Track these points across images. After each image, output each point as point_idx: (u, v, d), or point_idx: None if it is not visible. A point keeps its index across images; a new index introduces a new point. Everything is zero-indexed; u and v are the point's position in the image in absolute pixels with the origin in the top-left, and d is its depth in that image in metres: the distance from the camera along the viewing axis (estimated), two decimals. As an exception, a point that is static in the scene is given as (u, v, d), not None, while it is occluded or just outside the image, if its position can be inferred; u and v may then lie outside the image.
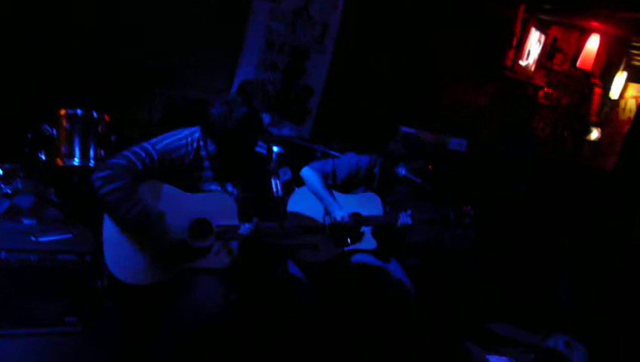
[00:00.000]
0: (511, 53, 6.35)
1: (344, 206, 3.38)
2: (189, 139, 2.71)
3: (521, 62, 6.48)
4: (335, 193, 3.47)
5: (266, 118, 5.35)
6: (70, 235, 3.09)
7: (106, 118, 3.56)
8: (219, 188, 2.78)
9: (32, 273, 2.83)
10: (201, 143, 2.72)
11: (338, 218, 3.29)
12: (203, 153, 2.72)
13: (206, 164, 2.73)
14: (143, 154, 2.58)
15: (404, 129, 4.75)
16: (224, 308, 2.51)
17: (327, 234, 2.97)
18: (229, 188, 2.80)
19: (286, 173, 3.12)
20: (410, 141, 3.57)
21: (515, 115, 5.10)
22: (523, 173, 4.85)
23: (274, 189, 2.53)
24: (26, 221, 3.21)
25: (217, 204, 2.70)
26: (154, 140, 2.66)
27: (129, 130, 3.86)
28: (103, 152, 3.52)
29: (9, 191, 3.19)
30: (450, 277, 4.03)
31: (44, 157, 3.44)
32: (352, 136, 4.85)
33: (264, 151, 2.82)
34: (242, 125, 2.59)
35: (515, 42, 6.29)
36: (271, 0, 5.46)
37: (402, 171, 3.48)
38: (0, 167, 3.35)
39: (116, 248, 2.59)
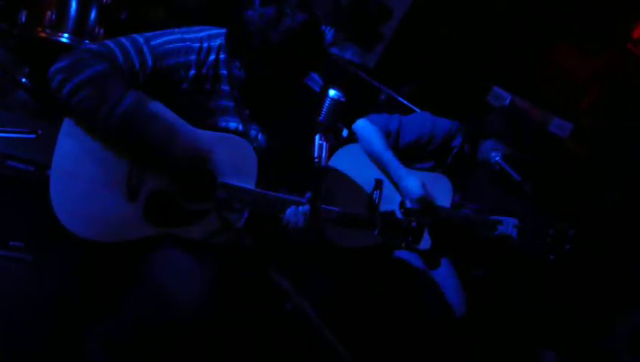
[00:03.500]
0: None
1: None
2: (205, 44, 1.78)
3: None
4: (395, 160, 2.55)
5: (329, 33, 4.35)
6: (33, 135, 2.28)
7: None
8: (240, 127, 1.87)
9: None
10: (222, 57, 1.79)
11: (411, 194, 2.42)
12: (223, 72, 1.80)
13: (224, 88, 1.82)
14: (131, 48, 1.69)
15: (498, 90, 3.70)
16: (203, 303, 1.73)
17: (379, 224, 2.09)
18: (252, 130, 1.89)
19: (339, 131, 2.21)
20: (516, 119, 2.61)
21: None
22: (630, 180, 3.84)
23: (316, 150, 1.62)
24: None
25: (230, 151, 1.81)
26: (151, 33, 1.74)
27: (149, 7, 2.90)
28: (102, 31, 2.59)
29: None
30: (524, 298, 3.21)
31: (23, 21, 2.53)
32: (430, 87, 3.84)
33: (317, 88, 1.91)
34: (294, 41, 1.67)
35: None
36: None
37: (495, 156, 2.52)
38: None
39: (70, 181, 1.75)
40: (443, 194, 2.57)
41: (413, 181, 2.46)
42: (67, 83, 1.61)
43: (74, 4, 2.53)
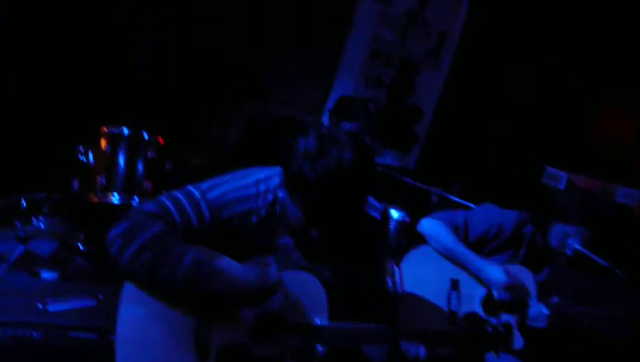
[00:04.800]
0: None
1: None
2: (262, 187, 1.73)
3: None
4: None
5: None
6: (94, 302, 2.26)
7: (160, 140, 2.69)
8: (303, 263, 1.79)
9: (34, 354, 2.05)
10: (280, 195, 1.73)
11: (497, 282, 2.25)
12: (281, 210, 1.74)
13: (283, 225, 1.75)
14: (188, 205, 1.64)
15: (552, 170, 3.55)
16: None
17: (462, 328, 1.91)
18: (317, 268, 1.79)
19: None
20: (581, 197, 2.44)
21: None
22: None
23: (390, 278, 1.48)
24: (45, 273, 2.42)
25: (298, 289, 1.71)
26: (206, 184, 1.71)
27: (191, 155, 2.96)
28: (150, 185, 2.63)
29: (22, 235, 2.38)
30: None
31: (76, 188, 2.60)
32: (480, 180, 3.74)
33: (376, 214, 1.84)
34: (343, 179, 1.53)
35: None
36: (379, 1, 4.47)
37: (573, 243, 2.34)
38: (23, 197, 2.56)
39: (137, 350, 1.65)
40: (527, 285, 2.39)
41: (495, 269, 2.30)
42: (126, 248, 1.57)
43: (122, 164, 2.59)
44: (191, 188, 1.69)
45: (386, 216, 1.59)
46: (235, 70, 3.87)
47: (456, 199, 3.14)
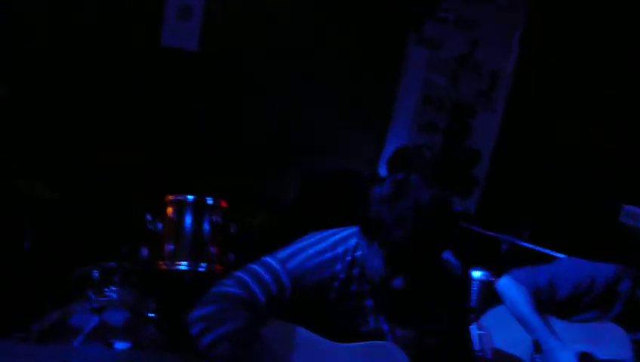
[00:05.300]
0: None
1: (566, 340, 2.17)
2: (340, 249, 1.69)
3: None
4: (550, 318, 2.26)
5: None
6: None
7: (223, 204, 2.72)
8: (386, 328, 1.71)
9: None
10: (358, 254, 1.68)
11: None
12: (360, 271, 1.68)
13: (363, 287, 1.69)
14: (269, 278, 1.63)
15: (630, 208, 3.34)
16: None
17: None
18: (397, 329, 1.72)
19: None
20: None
21: None
22: None
23: (477, 342, 1.41)
24: (118, 344, 2.42)
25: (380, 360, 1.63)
26: (283, 253, 1.69)
27: (253, 216, 2.98)
28: (216, 250, 2.64)
29: (96, 306, 2.42)
30: None
31: (145, 256, 2.64)
32: (551, 223, 3.58)
33: (457, 272, 1.76)
34: (422, 217, 1.49)
35: None
36: (429, 46, 4.49)
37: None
38: (95, 268, 2.62)
39: None
40: (617, 345, 2.21)
41: (566, 357, 2.15)
42: (207, 334, 1.57)
43: (188, 231, 2.63)
44: (268, 259, 1.67)
45: (467, 274, 1.52)
46: (287, 126, 3.92)
47: (528, 245, 3.00)
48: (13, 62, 3.29)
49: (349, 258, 1.68)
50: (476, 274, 1.50)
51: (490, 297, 1.51)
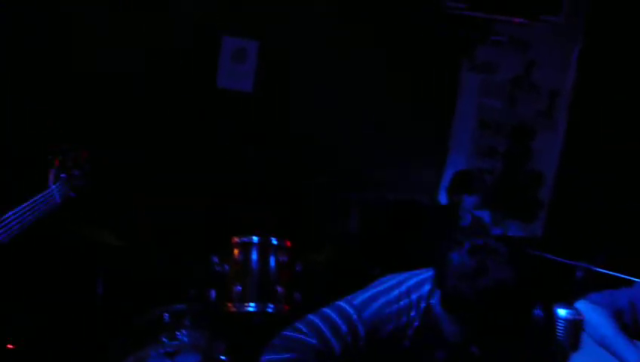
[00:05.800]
0: None
1: None
2: (414, 296, 1.65)
3: None
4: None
5: (485, 215, 4.22)
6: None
7: (288, 243, 2.73)
8: None
9: None
10: (433, 301, 1.64)
11: None
12: (430, 321, 1.64)
13: (437, 336, 1.64)
14: (345, 329, 1.60)
15: None
16: None
17: None
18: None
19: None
20: None
21: None
22: None
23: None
24: (190, 388, 2.44)
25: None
26: (358, 299, 1.66)
27: (319, 253, 2.98)
28: (282, 290, 2.65)
29: (170, 350, 2.45)
30: None
31: (214, 298, 2.67)
32: (629, 247, 3.40)
33: (540, 314, 1.68)
34: (504, 298, 1.47)
35: None
36: (483, 71, 4.43)
37: None
38: (166, 311, 2.67)
39: None
40: None
41: None
42: None
43: (255, 272, 2.65)
44: (343, 305, 1.65)
45: (552, 319, 1.44)
46: (346, 159, 3.92)
47: (605, 271, 2.85)
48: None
49: (423, 305, 1.64)
50: (561, 312, 1.42)
51: (579, 335, 1.42)
